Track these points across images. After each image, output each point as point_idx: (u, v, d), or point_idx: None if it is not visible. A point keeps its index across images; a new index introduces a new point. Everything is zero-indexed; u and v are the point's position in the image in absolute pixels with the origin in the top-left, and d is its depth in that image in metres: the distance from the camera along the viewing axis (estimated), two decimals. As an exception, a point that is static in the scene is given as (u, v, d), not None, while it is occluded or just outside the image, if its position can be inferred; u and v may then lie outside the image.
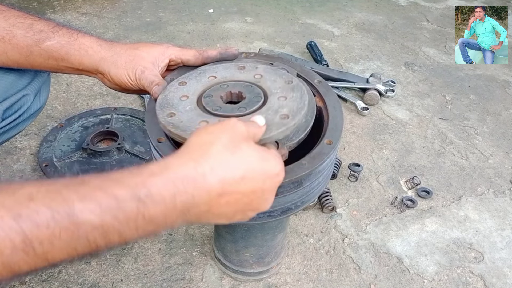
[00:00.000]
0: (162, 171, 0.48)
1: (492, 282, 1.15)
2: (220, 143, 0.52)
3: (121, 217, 0.44)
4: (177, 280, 1.08)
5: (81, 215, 0.42)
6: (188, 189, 0.48)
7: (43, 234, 0.41)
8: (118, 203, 0.44)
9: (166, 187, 0.47)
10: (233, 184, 0.51)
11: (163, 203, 0.47)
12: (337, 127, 0.77)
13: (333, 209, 1.30)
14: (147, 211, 0.46)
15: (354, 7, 2.76)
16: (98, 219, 0.43)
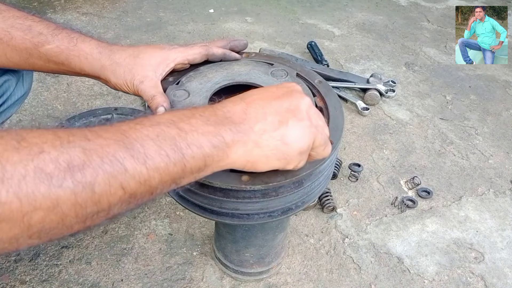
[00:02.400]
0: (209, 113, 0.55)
1: (493, 282, 1.15)
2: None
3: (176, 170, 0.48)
4: (177, 280, 1.08)
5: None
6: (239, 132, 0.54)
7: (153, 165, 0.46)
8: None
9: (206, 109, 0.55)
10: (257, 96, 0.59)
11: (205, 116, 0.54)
12: (337, 127, 0.77)
13: (334, 209, 1.30)
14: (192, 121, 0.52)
15: (354, 7, 2.76)
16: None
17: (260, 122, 0.55)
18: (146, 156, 0.44)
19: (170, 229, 1.21)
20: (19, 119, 1.55)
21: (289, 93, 0.59)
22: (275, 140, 0.55)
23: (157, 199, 0.48)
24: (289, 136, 0.56)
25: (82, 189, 0.39)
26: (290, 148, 0.56)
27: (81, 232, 0.42)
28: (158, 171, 0.45)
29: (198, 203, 0.72)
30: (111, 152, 0.41)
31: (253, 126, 0.54)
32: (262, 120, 0.55)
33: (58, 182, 0.37)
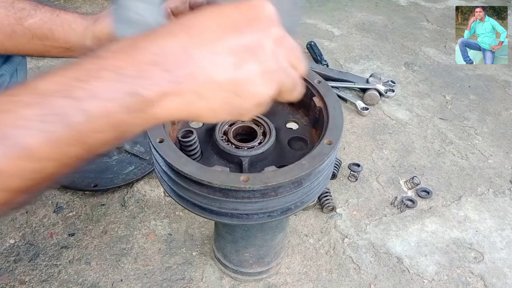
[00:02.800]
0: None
1: (492, 282, 1.15)
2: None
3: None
4: (177, 280, 1.08)
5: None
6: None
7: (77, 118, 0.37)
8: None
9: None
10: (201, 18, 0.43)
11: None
12: (337, 127, 0.77)
13: (333, 209, 1.30)
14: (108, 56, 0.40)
15: (354, 7, 2.76)
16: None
17: (207, 67, 0.41)
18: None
19: (170, 229, 1.21)
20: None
21: (253, 20, 0.43)
22: (225, 92, 0.42)
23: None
24: (244, 87, 0.42)
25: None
26: (244, 101, 0.43)
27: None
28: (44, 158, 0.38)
29: (197, 203, 0.72)
30: None
31: (195, 72, 0.40)
32: (209, 64, 0.41)
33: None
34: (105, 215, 1.15)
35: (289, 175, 0.65)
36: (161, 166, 0.73)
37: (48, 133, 0.37)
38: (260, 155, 0.81)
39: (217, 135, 0.83)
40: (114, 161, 1.37)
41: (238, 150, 0.80)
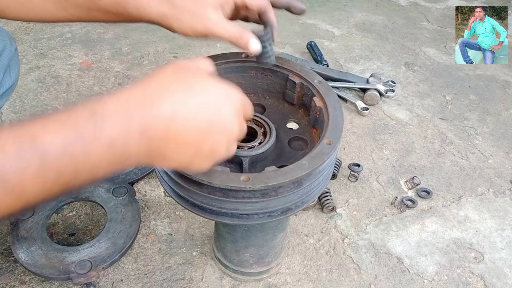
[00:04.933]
0: (113, 95, 0.48)
1: (492, 282, 1.15)
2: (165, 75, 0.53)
3: (79, 144, 0.43)
4: (177, 280, 1.08)
5: (47, 145, 0.42)
6: (144, 106, 0.47)
7: (12, 168, 0.40)
8: (76, 130, 0.43)
9: (118, 107, 0.46)
10: (182, 99, 0.50)
11: (118, 122, 0.46)
12: (337, 127, 0.77)
13: (333, 209, 1.30)
14: (104, 134, 0.45)
15: (354, 7, 2.76)
16: (61, 148, 0.42)
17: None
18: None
19: (170, 229, 1.21)
20: (19, 119, 1.55)
21: (220, 128, 0.53)
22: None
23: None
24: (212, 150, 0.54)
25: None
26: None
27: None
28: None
29: (197, 203, 0.72)
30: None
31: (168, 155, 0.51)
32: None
33: None
34: (105, 215, 1.15)
35: (289, 175, 0.65)
36: None
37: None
38: (261, 155, 0.81)
39: None
40: (114, 161, 1.37)
41: (238, 150, 0.80)
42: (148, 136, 0.47)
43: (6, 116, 1.57)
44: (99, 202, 1.11)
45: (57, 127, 0.43)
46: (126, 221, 1.07)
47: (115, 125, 0.45)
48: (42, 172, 0.42)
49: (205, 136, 0.52)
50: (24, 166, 0.41)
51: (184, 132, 0.50)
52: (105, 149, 0.45)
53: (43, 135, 0.42)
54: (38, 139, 0.42)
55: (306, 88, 0.89)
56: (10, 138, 0.41)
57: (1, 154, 0.40)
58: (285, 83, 0.92)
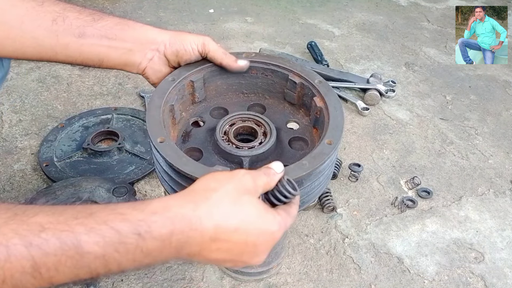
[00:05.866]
0: (163, 210, 0.51)
1: (493, 282, 1.15)
2: (223, 191, 0.54)
3: (122, 249, 0.48)
4: (177, 280, 1.08)
5: (86, 246, 0.46)
6: (184, 228, 0.51)
7: (51, 262, 0.45)
8: (120, 237, 0.47)
9: (165, 225, 0.50)
10: (226, 232, 0.53)
11: (160, 239, 0.49)
12: (337, 127, 0.77)
13: (334, 209, 1.30)
14: (145, 246, 0.49)
15: (354, 7, 2.76)
16: (101, 250, 0.47)
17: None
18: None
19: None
20: (19, 119, 1.55)
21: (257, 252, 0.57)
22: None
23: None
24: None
25: None
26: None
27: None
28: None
29: None
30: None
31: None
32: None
33: None
34: (106, 215, 1.15)
35: (289, 176, 0.65)
36: (162, 166, 0.73)
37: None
38: (261, 155, 0.81)
39: (218, 135, 0.83)
40: (114, 161, 1.37)
41: (238, 150, 0.80)
42: (183, 251, 0.52)
43: (7, 116, 1.57)
44: (99, 202, 1.11)
45: (100, 233, 0.47)
46: (127, 221, 1.07)
47: (156, 243, 0.49)
48: (77, 267, 0.47)
49: (232, 258, 0.56)
50: (63, 260, 0.46)
51: (215, 255, 0.54)
52: (139, 256, 0.49)
53: (85, 240, 0.46)
54: (81, 239, 0.46)
55: (306, 88, 0.89)
56: (56, 232, 0.46)
57: (44, 245, 0.45)
58: (285, 83, 0.92)
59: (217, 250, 0.53)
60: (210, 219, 0.52)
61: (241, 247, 0.55)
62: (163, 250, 0.50)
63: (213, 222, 0.52)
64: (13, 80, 1.75)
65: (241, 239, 0.54)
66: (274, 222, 0.57)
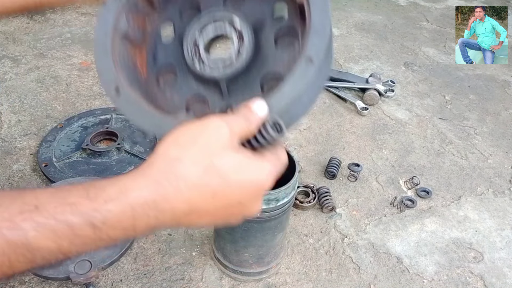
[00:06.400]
0: (119, 196, 0.45)
1: (492, 282, 1.15)
2: (189, 159, 0.46)
3: (78, 241, 0.44)
4: (176, 280, 1.08)
5: (36, 243, 0.42)
6: (149, 212, 0.45)
7: (0, 260, 0.42)
8: (74, 230, 0.43)
9: (124, 213, 0.44)
10: (202, 203, 0.47)
11: (120, 228, 0.45)
12: (322, 35, 0.57)
13: (333, 209, 1.30)
14: (105, 235, 0.44)
15: (353, 7, 2.76)
16: (55, 244, 0.43)
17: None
18: None
19: (170, 229, 1.21)
20: (19, 120, 1.55)
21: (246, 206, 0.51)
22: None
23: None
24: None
25: None
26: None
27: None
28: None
29: None
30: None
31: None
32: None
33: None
34: (105, 215, 1.15)
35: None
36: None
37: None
38: (240, 71, 0.64)
39: (186, 53, 0.65)
40: (113, 161, 1.37)
41: (212, 70, 0.63)
42: (156, 228, 0.47)
43: (6, 116, 1.57)
44: None
45: (50, 228, 0.43)
46: (126, 221, 1.07)
47: (117, 231, 0.45)
48: (31, 261, 0.43)
49: (219, 222, 0.51)
50: (13, 259, 0.43)
51: (198, 223, 0.49)
52: (102, 242, 0.45)
53: (34, 236, 0.43)
54: (29, 236, 0.43)
55: None
56: (2, 230, 0.42)
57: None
58: None
59: (198, 218, 0.48)
60: (179, 197, 0.45)
61: (225, 210, 0.49)
62: (129, 234, 0.46)
63: (183, 199, 0.45)
64: (12, 80, 1.75)
65: (222, 204, 0.48)
66: (260, 171, 0.49)
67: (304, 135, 1.62)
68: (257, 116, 0.52)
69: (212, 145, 0.47)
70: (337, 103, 1.79)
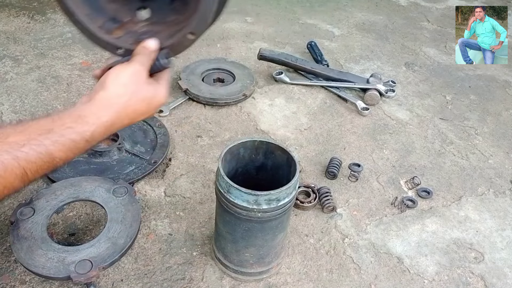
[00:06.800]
0: (95, 121, 0.72)
1: (493, 282, 1.15)
2: (120, 90, 0.75)
3: (76, 150, 0.70)
4: (177, 280, 1.08)
5: (55, 153, 0.67)
6: (109, 125, 0.74)
7: (34, 167, 0.65)
8: (75, 144, 0.69)
9: (101, 129, 0.72)
10: (129, 108, 0.76)
11: (96, 140, 0.72)
12: (205, 14, 0.71)
13: (334, 209, 1.30)
14: (92, 143, 0.72)
15: (354, 7, 2.76)
16: (64, 154, 0.68)
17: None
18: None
19: (170, 229, 1.21)
20: (19, 119, 1.55)
21: (149, 111, 0.79)
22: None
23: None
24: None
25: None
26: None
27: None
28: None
29: None
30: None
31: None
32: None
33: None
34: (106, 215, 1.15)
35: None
36: None
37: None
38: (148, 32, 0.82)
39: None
40: (114, 161, 1.37)
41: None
42: (112, 130, 0.76)
43: (6, 116, 1.57)
44: (99, 202, 1.11)
45: (62, 145, 0.69)
46: (126, 221, 1.06)
47: (94, 141, 0.73)
48: (51, 165, 0.68)
49: (136, 119, 0.79)
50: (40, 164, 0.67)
51: (132, 115, 0.78)
52: (87, 148, 0.72)
53: (53, 149, 0.67)
54: (50, 149, 0.67)
55: None
56: (33, 142, 0.66)
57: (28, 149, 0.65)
58: None
59: (133, 112, 0.77)
60: (121, 110, 0.75)
61: (142, 111, 0.78)
62: (100, 139, 0.73)
63: (122, 109, 0.75)
64: (13, 80, 1.75)
65: (141, 109, 0.77)
66: (160, 90, 0.79)
67: (304, 135, 1.62)
68: (152, 50, 0.78)
69: (133, 79, 0.76)
70: (338, 103, 1.79)
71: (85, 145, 0.71)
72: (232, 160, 1.01)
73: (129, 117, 0.78)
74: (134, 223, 1.06)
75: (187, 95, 1.73)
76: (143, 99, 0.78)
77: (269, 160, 1.03)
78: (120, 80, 0.76)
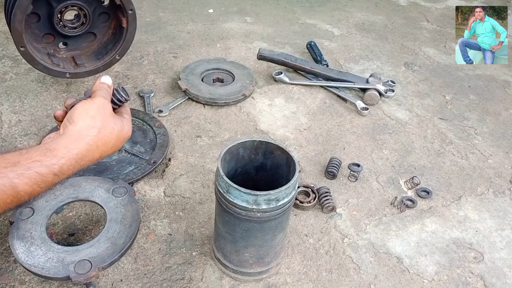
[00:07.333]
0: (66, 154, 0.76)
1: (492, 282, 1.15)
2: (88, 123, 0.81)
3: (43, 184, 0.73)
4: (176, 280, 1.08)
5: (19, 186, 0.68)
6: (80, 157, 0.80)
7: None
8: (42, 177, 0.72)
9: (71, 162, 0.77)
10: (99, 143, 0.82)
11: (66, 174, 0.78)
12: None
13: (333, 209, 1.30)
14: (61, 177, 0.76)
15: (354, 7, 2.76)
16: (29, 187, 0.70)
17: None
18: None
19: (170, 229, 1.21)
20: (19, 119, 1.55)
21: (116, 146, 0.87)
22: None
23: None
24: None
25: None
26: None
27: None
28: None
29: None
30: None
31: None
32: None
33: None
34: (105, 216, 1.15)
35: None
36: None
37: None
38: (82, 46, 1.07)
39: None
40: (114, 161, 1.37)
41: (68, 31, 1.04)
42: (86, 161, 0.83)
43: (6, 116, 1.57)
44: (98, 202, 1.11)
45: (27, 178, 0.72)
46: (126, 221, 1.06)
47: (63, 175, 0.78)
48: (15, 200, 0.72)
49: (106, 153, 0.87)
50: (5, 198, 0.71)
51: (104, 148, 0.85)
52: (56, 181, 0.77)
53: (18, 182, 0.71)
54: (15, 182, 0.71)
55: None
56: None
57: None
58: None
59: (104, 145, 0.83)
60: (90, 145, 0.80)
61: (109, 146, 0.85)
62: (69, 173, 0.77)
63: (91, 144, 0.80)
64: (12, 80, 1.75)
65: (110, 144, 0.84)
66: (125, 124, 0.86)
67: (304, 135, 1.62)
68: (108, 85, 0.86)
69: (101, 109, 0.82)
70: (337, 103, 1.79)
71: (53, 178, 0.72)
72: (231, 160, 1.01)
73: (99, 149, 0.80)
74: (134, 223, 1.06)
75: (187, 95, 1.73)
76: (111, 132, 0.81)
77: (269, 160, 1.03)
78: (88, 113, 0.78)
